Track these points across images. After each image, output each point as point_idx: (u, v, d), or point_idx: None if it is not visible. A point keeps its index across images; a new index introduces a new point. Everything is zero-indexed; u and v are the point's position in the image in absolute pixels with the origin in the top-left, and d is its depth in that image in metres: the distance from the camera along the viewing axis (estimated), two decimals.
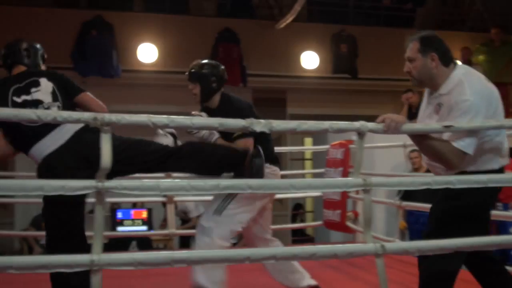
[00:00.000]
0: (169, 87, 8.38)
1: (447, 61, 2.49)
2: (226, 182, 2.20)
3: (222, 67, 3.45)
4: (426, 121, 2.56)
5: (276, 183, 2.30)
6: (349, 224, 5.61)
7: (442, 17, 10.20)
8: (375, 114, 7.97)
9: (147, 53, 8.24)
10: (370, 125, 2.36)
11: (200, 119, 2.25)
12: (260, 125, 2.20)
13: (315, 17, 9.48)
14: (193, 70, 3.34)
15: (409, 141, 5.15)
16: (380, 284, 2.21)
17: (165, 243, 7.06)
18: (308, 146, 9.46)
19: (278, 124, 2.25)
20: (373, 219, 2.37)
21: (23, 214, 8.24)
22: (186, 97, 8.11)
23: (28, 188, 2.06)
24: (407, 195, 5.33)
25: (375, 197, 5.31)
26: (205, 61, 3.42)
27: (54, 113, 2.06)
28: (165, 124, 2.18)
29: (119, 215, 6.98)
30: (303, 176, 9.85)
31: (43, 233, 7.17)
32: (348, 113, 9.60)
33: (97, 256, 2.04)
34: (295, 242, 8.87)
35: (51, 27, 7.81)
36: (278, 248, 2.18)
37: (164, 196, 5.48)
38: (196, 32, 8.46)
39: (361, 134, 2.35)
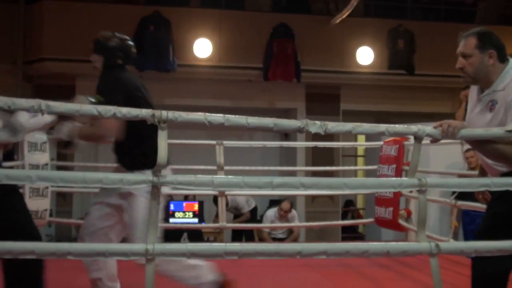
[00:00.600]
0: (223, 81, 8.47)
1: (503, 57, 2.42)
2: (279, 179, 2.21)
3: (131, 43, 3.04)
4: (477, 120, 2.47)
5: (329, 182, 2.29)
6: (401, 222, 5.51)
7: (504, 11, 9.83)
8: (431, 111, 7.86)
9: (203, 48, 8.35)
10: (428, 129, 2.31)
11: (255, 120, 2.23)
12: (315, 126, 2.19)
13: (372, 12, 9.34)
14: (99, 40, 2.96)
15: None
16: (434, 284, 2.16)
17: (216, 236, 7.16)
18: (361, 142, 9.34)
19: (334, 126, 2.23)
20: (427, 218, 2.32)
21: (80, 204, 8.54)
22: (239, 91, 8.23)
23: (88, 180, 2.12)
24: (462, 194, 5.18)
25: (428, 196, 5.20)
26: (114, 33, 3.02)
27: (114, 109, 2.11)
28: (221, 123, 2.19)
29: (172, 207, 7.12)
30: (355, 172, 9.75)
31: None
32: (403, 110, 9.43)
33: (151, 245, 2.09)
34: (344, 239, 8.80)
35: (110, 22, 8.00)
36: (330, 244, 2.16)
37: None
38: (251, 27, 8.50)
39: (418, 138, 2.31)
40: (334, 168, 7.73)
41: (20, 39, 8.18)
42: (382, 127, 2.29)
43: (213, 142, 5.42)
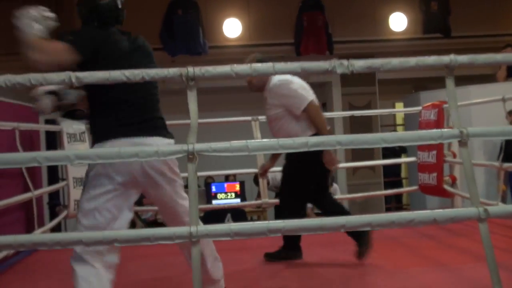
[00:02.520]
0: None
1: None
2: (315, 139, 2.17)
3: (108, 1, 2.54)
4: None
5: (366, 138, 2.22)
6: (447, 187, 5.40)
7: None
8: (470, 74, 7.59)
9: (232, 28, 8.31)
10: (461, 58, 2.22)
11: (282, 65, 2.20)
12: (342, 66, 2.15)
13: None
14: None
15: (508, 94, 4.86)
16: (485, 250, 2.09)
17: (259, 215, 7.18)
18: (399, 109, 9.17)
19: (361, 65, 2.18)
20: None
21: None
22: None
23: (124, 155, 2.13)
24: (509, 156, 5.03)
25: (473, 160, 5.07)
26: None
27: (142, 72, 2.12)
28: (248, 73, 2.18)
29: (213, 188, 7.17)
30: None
31: (143, 208, 7.50)
32: (441, 75, 9.14)
33: (194, 228, 2.10)
34: (388, 210, 8.71)
35: (139, 9, 8.05)
36: (374, 215, 2.12)
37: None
38: (279, 2, 8.40)
39: (451, 69, 2.23)
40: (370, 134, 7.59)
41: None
42: (412, 60, 2.22)
43: (249, 118, 5.42)
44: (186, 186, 2.37)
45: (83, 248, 2.28)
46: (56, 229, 5.21)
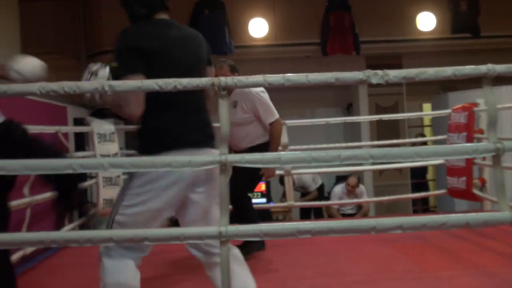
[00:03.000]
0: (281, 60, 8.40)
1: None
2: (347, 153, 2.16)
3: None
4: None
5: (400, 152, 2.21)
6: (476, 191, 5.31)
7: None
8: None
9: (258, 27, 8.31)
10: (499, 68, 2.17)
11: (316, 76, 2.19)
12: (377, 76, 2.12)
13: None
14: None
15: None
16: None
17: (285, 215, 7.18)
18: (427, 112, 9.06)
19: (396, 75, 2.15)
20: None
21: None
22: (298, 68, 8.09)
23: (157, 164, 2.16)
24: None
25: (505, 163, 4.98)
26: None
27: (174, 81, 2.13)
28: (281, 83, 2.18)
29: None
30: (423, 144, 9.49)
31: None
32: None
33: (224, 228, 2.10)
34: (415, 212, 8.61)
35: None
36: (406, 217, 2.09)
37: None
38: (305, 2, 8.37)
39: (488, 80, 2.18)
40: (401, 141, 7.53)
41: (81, 34, 8.43)
42: (449, 70, 2.17)
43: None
44: None
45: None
46: (84, 226, 5.29)
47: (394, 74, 2.16)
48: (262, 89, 3.87)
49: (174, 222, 7.56)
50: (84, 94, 2.26)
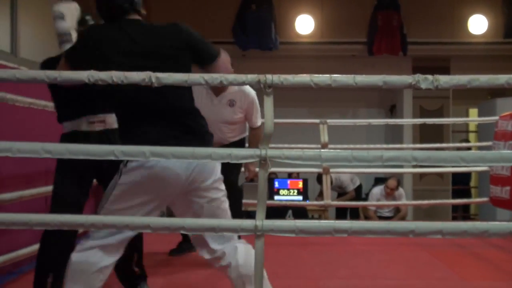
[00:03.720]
0: (326, 57, 8.35)
1: None
2: (390, 153, 2.12)
3: None
4: None
5: (444, 155, 2.15)
6: None
7: None
8: None
9: (305, 24, 8.27)
10: None
11: (363, 78, 2.14)
12: (427, 82, 2.07)
13: None
14: None
15: None
16: None
17: (320, 214, 7.13)
18: (473, 118, 8.83)
19: (446, 81, 2.10)
20: None
21: None
22: (343, 67, 8.08)
23: (198, 155, 2.17)
24: None
25: None
26: None
27: (220, 77, 2.13)
28: (328, 84, 2.14)
29: (276, 184, 7.18)
30: (467, 150, 9.28)
31: None
32: None
33: (260, 222, 2.10)
34: (455, 219, 8.42)
35: (213, 5, 8.17)
36: (446, 223, 2.04)
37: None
38: (353, 0, 8.28)
39: None
40: (444, 145, 7.36)
41: None
42: (503, 78, 2.10)
43: (317, 121, 5.36)
44: (252, 180, 2.34)
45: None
46: None
47: (444, 80, 2.11)
48: (251, 89, 3.89)
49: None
50: None
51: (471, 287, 3.27)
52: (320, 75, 2.17)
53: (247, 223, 2.14)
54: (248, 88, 3.85)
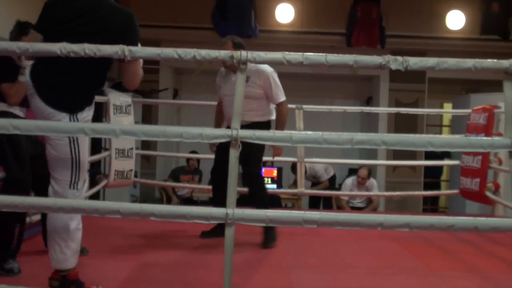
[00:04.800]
0: (305, 47, 8.28)
1: None
2: (360, 136, 2.14)
3: None
4: None
5: (413, 139, 2.18)
6: (489, 194, 5.25)
7: None
8: None
9: (285, 13, 8.25)
10: None
11: (335, 57, 2.17)
12: (396, 62, 2.10)
13: None
14: None
15: None
16: None
17: (294, 202, 7.18)
18: (448, 110, 8.96)
19: (416, 62, 2.13)
20: None
21: (164, 166, 8.83)
22: None
23: (169, 134, 2.16)
24: None
25: None
26: None
27: (194, 51, 2.13)
28: (300, 61, 2.17)
29: None
30: None
31: (180, 184, 7.58)
32: (496, 78, 8.86)
33: (231, 210, 2.11)
34: (425, 211, 8.56)
35: None
36: (414, 216, 2.08)
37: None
38: None
39: (510, 74, 2.15)
40: (418, 135, 7.44)
41: None
42: (469, 62, 2.15)
43: (293, 106, 5.37)
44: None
45: None
46: (95, 197, 5.33)
47: (414, 62, 2.14)
48: (268, 66, 3.97)
49: (184, 200, 7.61)
50: None
51: (437, 277, 3.33)
52: (292, 53, 2.19)
53: (217, 211, 2.15)
54: (264, 66, 3.92)
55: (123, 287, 2.88)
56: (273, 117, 4.11)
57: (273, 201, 6.89)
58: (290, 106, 5.60)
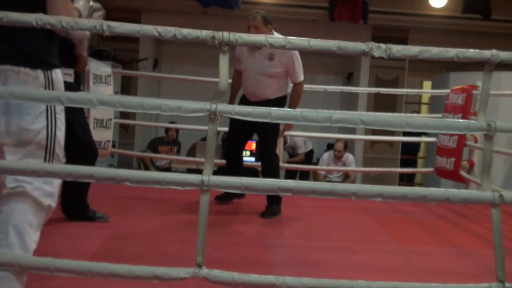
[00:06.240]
0: (288, 21, 8.26)
1: None
2: (339, 115, 2.14)
3: None
4: None
5: (391, 119, 2.19)
6: (463, 173, 5.34)
7: None
8: None
9: None
10: (504, 54, 2.15)
11: (318, 42, 2.16)
12: (379, 50, 2.09)
13: None
14: None
15: None
16: (494, 236, 2.07)
17: None
18: (427, 90, 9.02)
19: (399, 50, 2.12)
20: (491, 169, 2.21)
21: (142, 136, 8.78)
22: (303, 32, 8.00)
23: (147, 106, 2.14)
24: None
25: (495, 146, 4.99)
26: None
27: (174, 30, 2.09)
28: (282, 45, 2.15)
29: None
30: None
31: (158, 155, 7.55)
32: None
33: (206, 177, 2.10)
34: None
35: None
36: (387, 187, 2.09)
37: None
38: None
39: (491, 65, 2.17)
40: (396, 115, 7.51)
41: None
42: (452, 51, 2.15)
43: None
44: (204, 139, 2.35)
45: None
46: None
47: (397, 49, 2.13)
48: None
49: (162, 170, 7.58)
50: None
51: (407, 251, 3.39)
52: (275, 36, 2.16)
53: (193, 177, 2.14)
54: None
55: (93, 258, 2.79)
56: (289, 91, 4.19)
57: (251, 175, 6.91)
58: None
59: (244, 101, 4.15)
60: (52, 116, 2.21)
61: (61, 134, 2.25)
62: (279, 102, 4.03)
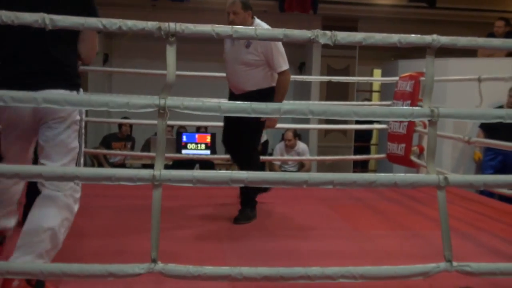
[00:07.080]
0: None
1: None
2: (288, 106, 2.17)
3: None
4: None
5: (338, 109, 2.24)
6: (413, 158, 5.49)
7: None
8: None
9: None
10: (444, 39, 2.22)
11: (265, 31, 2.17)
12: (325, 37, 2.12)
13: None
14: None
15: (484, 75, 4.90)
16: (440, 218, 2.15)
17: (228, 168, 7.22)
18: (377, 78, 9.20)
19: (343, 37, 2.16)
20: (438, 154, 2.29)
21: (95, 133, 8.62)
22: None
23: (94, 103, 2.11)
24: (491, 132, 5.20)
25: (443, 131, 5.15)
26: None
27: (119, 22, 2.06)
28: (229, 34, 2.15)
29: (184, 138, 7.16)
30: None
31: (112, 151, 7.43)
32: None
33: (158, 172, 2.09)
34: None
35: None
36: (337, 174, 2.14)
37: None
38: None
39: (432, 50, 2.23)
40: (348, 103, 7.65)
41: None
42: (395, 37, 2.21)
43: (223, 74, 5.33)
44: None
45: None
46: None
47: (342, 36, 2.17)
48: None
49: (116, 167, 7.45)
50: None
51: (361, 236, 3.47)
52: (222, 25, 2.16)
53: (144, 172, 2.12)
54: (264, 27, 3.66)
55: None
56: (275, 83, 3.87)
57: (207, 168, 6.90)
58: (220, 74, 5.55)
59: (230, 94, 3.95)
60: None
61: None
62: (261, 94, 3.70)
